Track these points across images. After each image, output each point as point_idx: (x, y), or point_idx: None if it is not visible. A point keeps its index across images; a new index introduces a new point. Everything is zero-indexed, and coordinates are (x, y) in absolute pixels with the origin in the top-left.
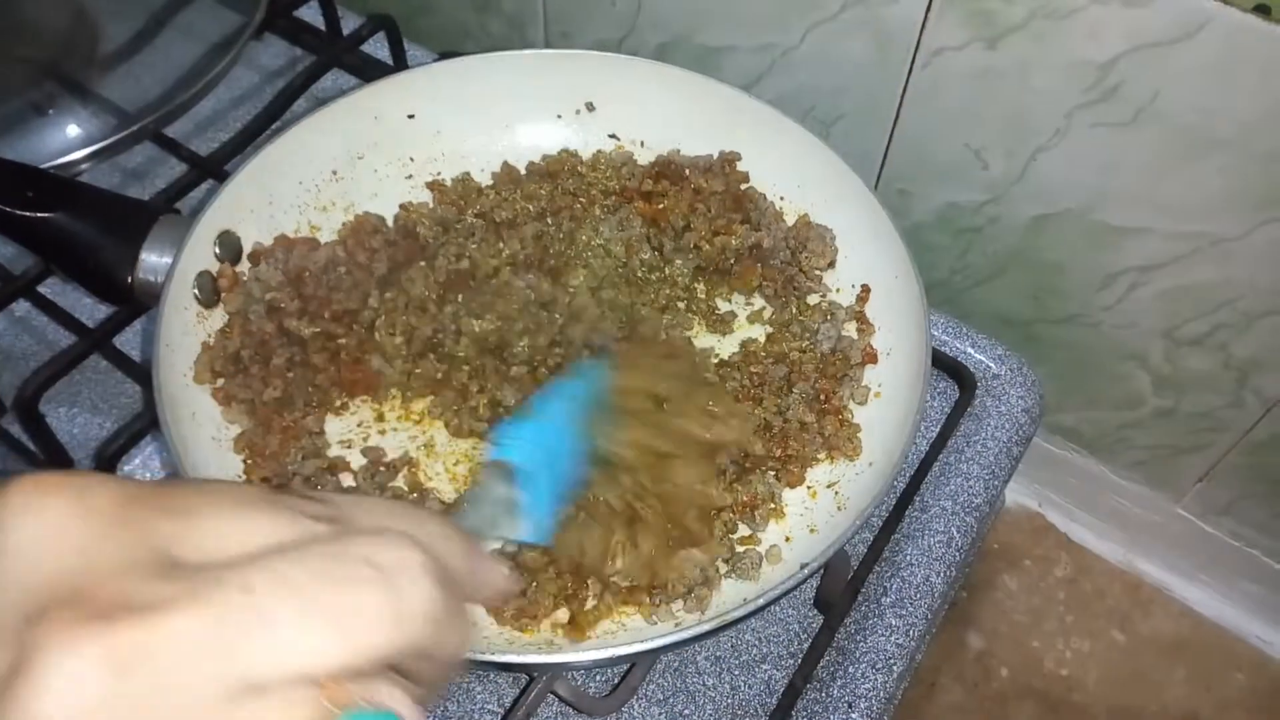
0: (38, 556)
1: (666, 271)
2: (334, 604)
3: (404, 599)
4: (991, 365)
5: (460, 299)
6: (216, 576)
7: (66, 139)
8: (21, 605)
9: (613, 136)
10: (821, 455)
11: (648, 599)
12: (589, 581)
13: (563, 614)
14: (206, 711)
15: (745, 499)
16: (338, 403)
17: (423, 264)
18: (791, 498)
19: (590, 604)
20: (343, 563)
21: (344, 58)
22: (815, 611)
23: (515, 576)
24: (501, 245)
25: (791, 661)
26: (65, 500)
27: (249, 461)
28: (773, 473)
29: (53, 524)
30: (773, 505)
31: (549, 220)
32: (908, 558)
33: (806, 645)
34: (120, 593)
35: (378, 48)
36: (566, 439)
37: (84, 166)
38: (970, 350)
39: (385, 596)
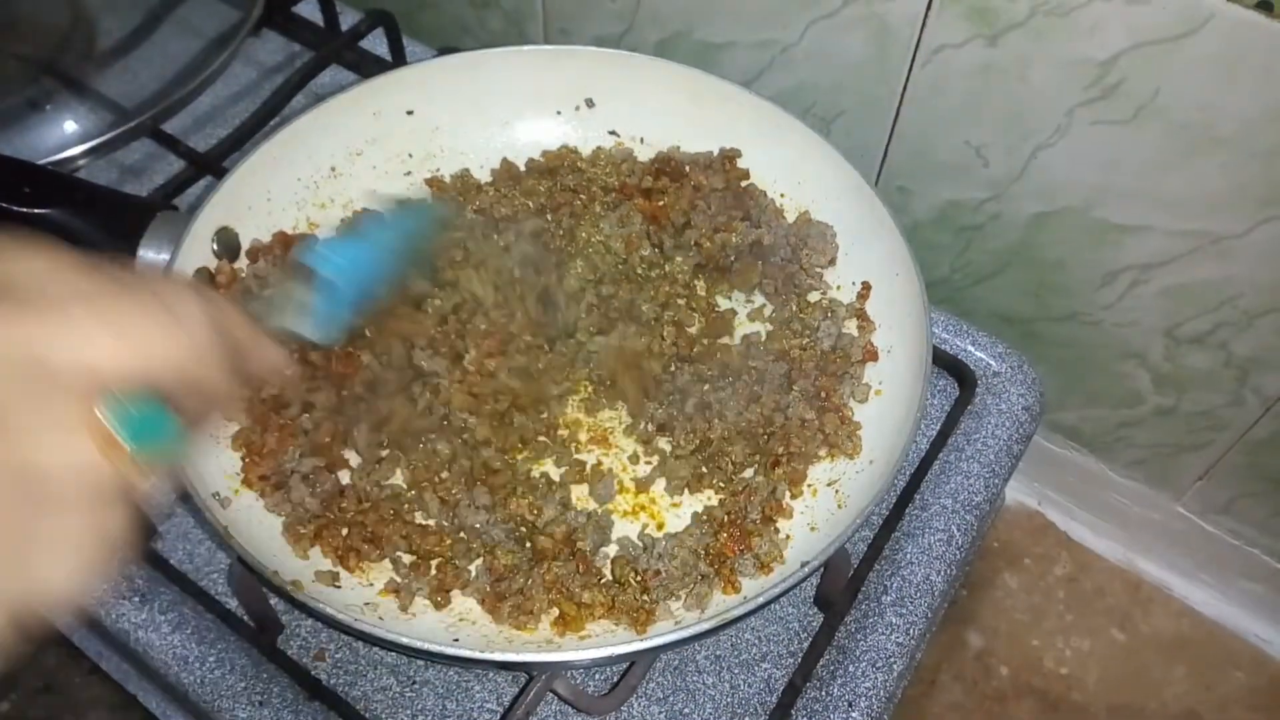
0: None
1: (666, 269)
2: (125, 318)
3: (182, 327)
4: (992, 363)
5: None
6: (30, 288)
7: (64, 135)
8: None
9: (613, 133)
10: (822, 453)
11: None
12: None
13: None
14: (8, 385)
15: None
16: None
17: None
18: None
19: (586, 597)
20: (136, 292)
21: (342, 54)
22: (815, 610)
23: (290, 361)
24: (499, 240)
25: (791, 660)
26: None
27: (246, 459)
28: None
29: None
30: (773, 503)
31: (549, 217)
32: (908, 556)
33: (807, 644)
34: None
35: (376, 44)
36: (377, 264)
37: (81, 162)
38: (971, 348)
39: (166, 319)
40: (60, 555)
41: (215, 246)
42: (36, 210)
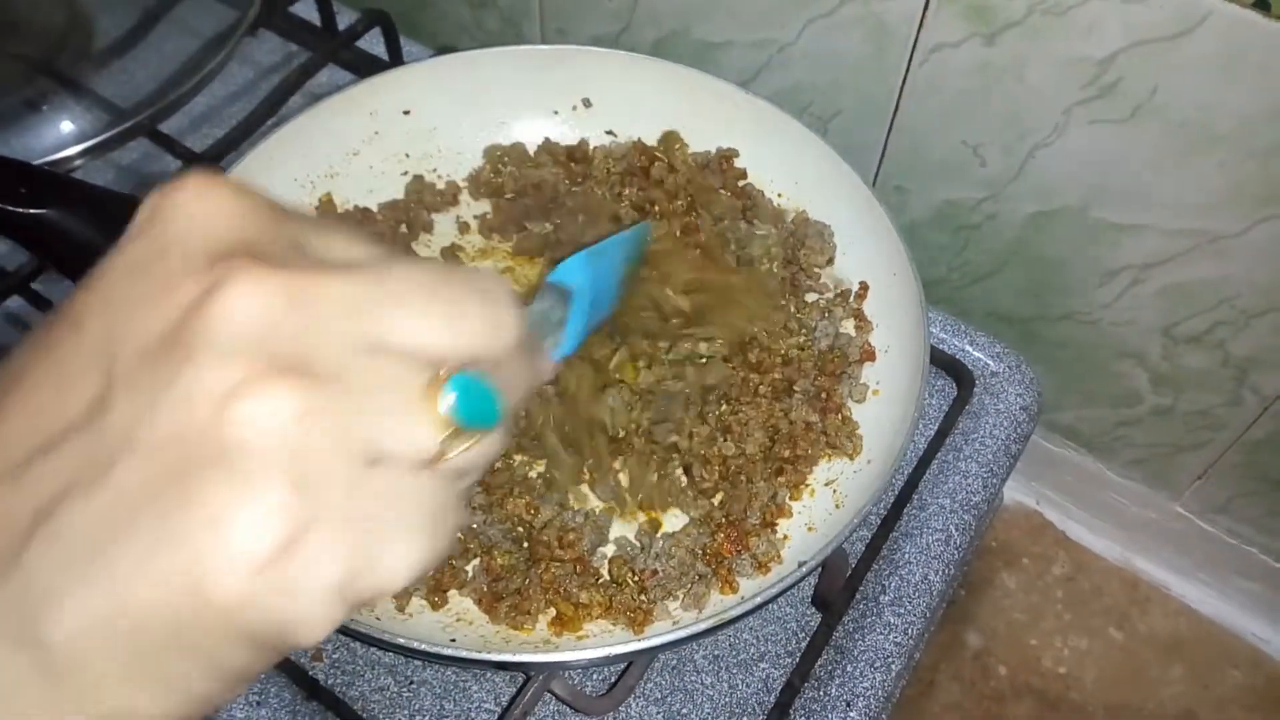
0: (215, 220)
1: None
2: (450, 303)
3: (500, 317)
4: (990, 363)
5: None
6: (361, 262)
7: (60, 135)
8: (206, 251)
9: (609, 133)
10: (822, 454)
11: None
12: None
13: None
14: (344, 356)
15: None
16: None
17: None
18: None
19: (583, 597)
20: (456, 278)
21: (339, 54)
22: (813, 610)
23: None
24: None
25: (789, 660)
26: (231, 189)
27: None
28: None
29: (225, 201)
30: (773, 507)
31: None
32: (906, 556)
33: (805, 644)
34: (289, 253)
35: (374, 44)
36: (611, 276)
37: (78, 163)
38: (968, 348)
39: (487, 310)
40: (402, 538)
41: None
42: (33, 210)
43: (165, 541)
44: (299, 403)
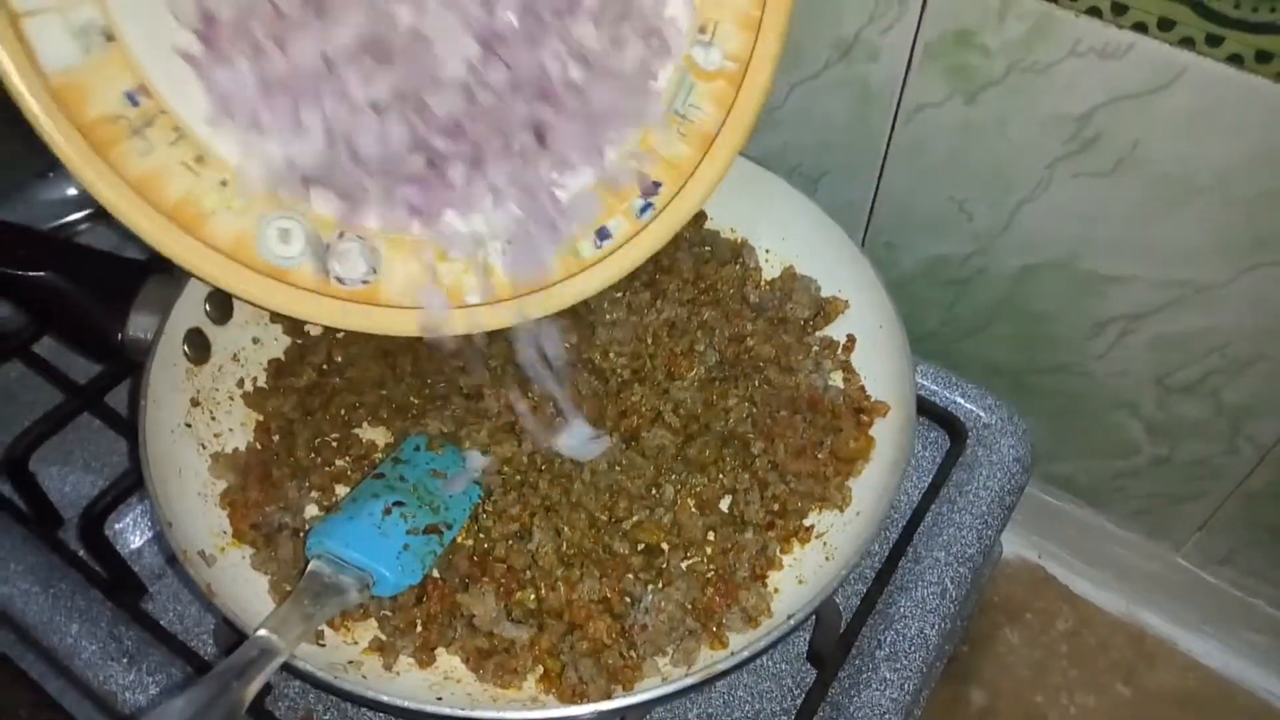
0: None
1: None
2: None
3: None
4: (982, 415)
5: None
6: None
7: (66, 200)
8: None
9: None
10: (811, 507)
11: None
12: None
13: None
14: None
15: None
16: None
17: None
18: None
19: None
20: None
21: None
22: (809, 666)
23: None
24: None
25: (785, 718)
26: None
27: (232, 513)
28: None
29: None
30: (763, 560)
31: None
32: (901, 610)
33: (800, 701)
34: None
35: None
36: (377, 513)
37: (83, 227)
38: (960, 400)
39: None
40: None
41: (208, 308)
42: (31, 273)
43: None
44: None
